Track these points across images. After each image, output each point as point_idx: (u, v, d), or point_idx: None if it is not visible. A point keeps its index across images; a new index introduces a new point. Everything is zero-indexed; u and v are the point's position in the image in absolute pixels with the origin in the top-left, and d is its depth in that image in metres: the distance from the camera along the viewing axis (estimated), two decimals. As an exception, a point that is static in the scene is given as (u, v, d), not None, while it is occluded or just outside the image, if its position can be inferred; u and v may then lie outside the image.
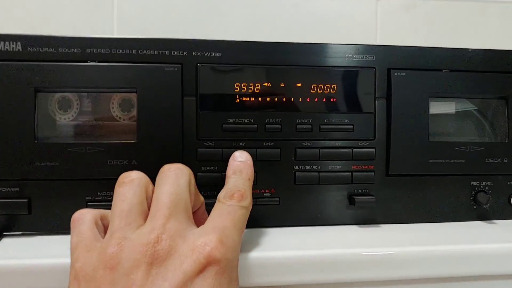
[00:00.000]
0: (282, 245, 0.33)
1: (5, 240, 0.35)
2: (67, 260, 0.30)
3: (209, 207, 0.31)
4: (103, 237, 0.28)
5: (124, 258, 0.25)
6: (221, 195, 0.30)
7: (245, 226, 0.30)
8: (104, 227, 0.30)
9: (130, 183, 0.29)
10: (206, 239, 0.26)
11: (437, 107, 0.41)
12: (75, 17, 0.59)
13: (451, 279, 0.35)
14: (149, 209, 0.28)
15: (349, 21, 0.65)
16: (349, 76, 0.38)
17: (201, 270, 0.25)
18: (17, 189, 0.35)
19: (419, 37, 0.67)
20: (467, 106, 0.42)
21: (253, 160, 0.37)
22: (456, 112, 0.42)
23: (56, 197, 0.35)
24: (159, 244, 0.25)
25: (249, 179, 0.32)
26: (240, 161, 0.33)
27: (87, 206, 0.35)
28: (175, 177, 0.29)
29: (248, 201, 0.30)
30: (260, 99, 0.37)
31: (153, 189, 0.30)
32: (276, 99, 0.37)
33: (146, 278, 0.24)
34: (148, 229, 0.26)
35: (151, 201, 0.29)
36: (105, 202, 0.35)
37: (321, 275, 0.32)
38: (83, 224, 0.29)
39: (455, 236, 0.36)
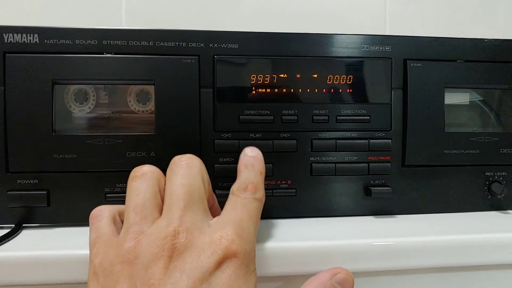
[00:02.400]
0: (298, 235, 0.33)
1: (24, 232, 0.35)
2: (86, 252, 0.31)
3: (226, 199, 0.31)
4: (119, 231, 0.28)
5: (141, 252, 0.25)
6: (234, 188, 0.30)
7: (259, 218, 0.30)
8: (122, 223, 0.30)
9: (142, 177, 0.29)
10: (222, 233, 0.26)
11: (453, 99, 0.41)
12: (83, 9, 0.59)
13: (466, 268, 0.35)
14: (162, 202, 0.28)
15: (359, 13, 0.65)
16: (365, 67, 0.38)
17: (219, 263, 0.25)
18: (36, 181, 0.35)
19: (428, 28, 0.67)
20: (482, 97, 0.42)
21: (270, 152, 0.37)
22: (470, 103, 0.42)
23: (74, 189, 0.35)
24: (177, 238, 0.25)
25: (261, 172, 0.32)
26: (251, 156, 0.33)
27: (105, 198, 0.36)
28: (187, 167, 0.29)
29: (261, 193, 0.30)
30: (276, 90, 0.37)
31: (166, 182, 0.30)
32: (292, 90, 0.37)
33: (164, 272, 0.24)
34: (164, 223, 0.26)
35: (164, 193, 0.29)
36: (124, 194, 0.35)
37: (336, 265, 0.32)
38: (101, 220, 0.29)
39: (470, 226, 0.37)
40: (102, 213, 0.29)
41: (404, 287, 0.35)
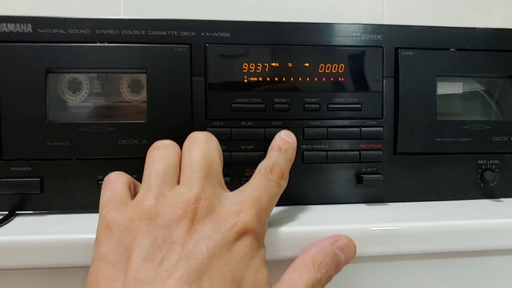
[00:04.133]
0: (290, 221, 0.34)
1: (18, 219, 0.35)
2: (80, 236, 0.31)
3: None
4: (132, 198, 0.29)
5: (163, 211, 0.25)
6: (262, 166, 0.30)
7: (275, 203, 0.30)
8: (135, 194, 0.30)
9: (165, 148, 0.29)
10: (243, 208, 0.26)
11: (445, 88, 0.41)
12: (82, 3, 0.59)
13: (458, 254, 0.35)
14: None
15: (356, 7, 0.65)
16: (356, 56, 0.38)
17: (239, 234, 0.25)
18: (29, 168, 0.35)
19: (426, 22, 0.67)
20: (474, 86, 0.42)
21: (261, 140, 0.37)
22: (463, 92, 0.42)
23: (68, 176, 0.36)
24: (199, 203, 0.25)
25: (291, 160, 0.32)
26: (286, 140, 0.33)
27: (98, 186, 0.36)
28: (205, 142, 0.29)
29: (285, 181, 0.30)
30: (268, 78, 0.37)
31: (183, 155, 0.30)
32: (284, 79, 0.37)
33: (186, 232, 0.24)
34: (185, 189, 0.26)
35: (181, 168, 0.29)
36: (116, 181, 0.36)
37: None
38: (118, 182, 0.29)
39: (462, 213, 0.37)
40: (119, 177, 0.30)
41: (402, 273, 0.35)
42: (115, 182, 0.29)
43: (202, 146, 0.29)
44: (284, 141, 0.33)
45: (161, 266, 0.23)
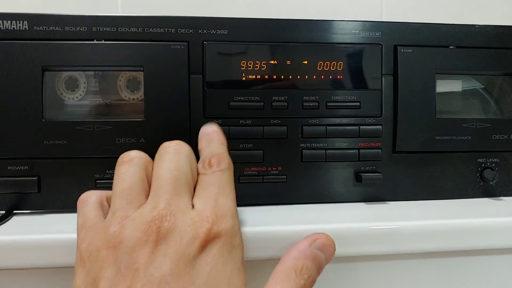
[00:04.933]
0: (289, 221, 0.33)
1: (15, 218, 0.35)
2: (76, 236, 0.31)
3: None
4: (105, 216, 0.28)
5: (126, 237, 0.25)
6: (199, 166, 0.30)
7: (233, 187, 0.29)
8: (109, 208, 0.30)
9: (129, 162, 0.28)
10: (201, 215, 0.26)
11: (444, 86, 0.41)
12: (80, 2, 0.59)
13: (457, 252, 0.35)
14: (149, 187, 0.28)
15: (355, 5, 0.65)
16: (355, 53, 0.38)
17: (203, 246, 0.25)
18: (27, 167, 0.35)
19: (425, 20, 0.67)
20: (474, 84, 0.42)
21: (260, 138, 0.37)
22: (462, 90, 0.42)
23: (65, 175, 0.36)
24: (161, 222, 0.25)
25: (221, 143, 0.32)
26: (207, 132, 0.32)
27: (96, 184, 0.36)
28: (175, 153, 0.29)
29: (226, 162, 0.29)
30: (266, 76, 0.37)
31: (153, 166, 0.29)
32: (282, 77, 0.37)
33: (148, 256, 0.24)
34: (149, 207, 0.26)
35: (151, 179, 0.29)
36: (114, 180, 0.36)
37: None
38: (88, 205, 0.28)
39: (461, 212, 0.36)
40: (89, 199, 0.29)
41: (401, 272, 0.35)
42: (85, 205, 0.28)
43: (170, 158, 0.28)
44: (205, 135, 0.32)
45: None
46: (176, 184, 0.27)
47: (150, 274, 0.23)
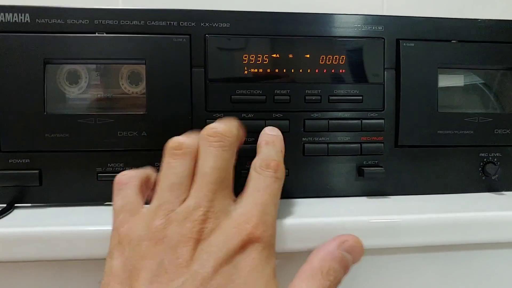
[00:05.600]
0: (291, 215, 0.33)
1: (16, 212, 0.35)
2: (79, 228, 0.31)
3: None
4: (144, 201, 0.29)
5: (170, 232, 0.25)
6: (256, 164, 0.30)
7: (279, 198, 0.29)
8: (146, 193, 0.30)
9: (182, 156, 0.28)
10: (247, 217, 0.26)
11: (446, 80, 0.41)
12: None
13: (459, 246, 0.35)
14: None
15: (356, 2, 0.65)
16: (357, 47, 0.38)
17: (243, 247, 0.25)
18: (28, 160, 0.35)
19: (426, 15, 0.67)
20: (476, 78, 0.42)
21: (262, 132, 0.37)
22: (464, 84, 0.42)
23: (66, 168, 0.35)
24: (206, 222, 0.26)
25: (281, 151, 0.32)
26: (272, 134, 0.33)
27: (97, 178, 0.36)
28: (222, 150, 0.28)
29: (282, 172, 0.30)
30: (268, 70, 0.37)
31: (199, 156, 0.29)
32: (284, 70, 0.37)
33: (192, 253, 0.25)
34: (194, 204, 0.26)
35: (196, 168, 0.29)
36: (116, 173, 0.35)
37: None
38: (129, 188, 0.29)
39: (463, 206, 0.36)
40: (131, 181, 0.29)
41: (403, 266, 0.35)
42: (127, 187, 0.29)
43: (218, 154, 0.28)
44: (269, 136, 0.33)
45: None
46: (221, 184, 0.28)
47: (194, 270, 0.24)
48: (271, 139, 0.32)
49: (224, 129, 0.29)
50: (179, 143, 0.29)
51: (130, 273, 0.25)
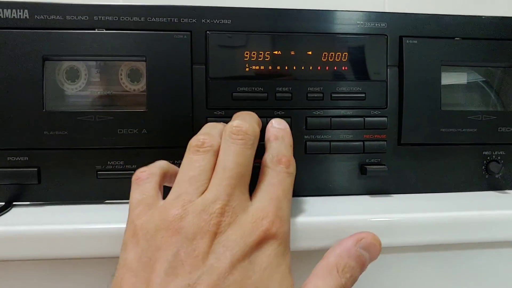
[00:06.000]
0: (293, 213, 0.33)
1: (15, 210, 0.34)
2: (78, 227, 0.30)
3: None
4: (162, 196, 0.29)
5: (187, 223, 0.25)
6: (267, 159, 0.30)
7: (292, 193, 0.29)
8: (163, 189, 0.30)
9: (204, 153, 0.28)
10: (264, 213, 0.26)
11: (450, 77, 0.40)
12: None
13: (462, 245, 0.35)
14: None
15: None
16: (360, 44, 0.37)
17: (260, 243, 0.25)
18: (26, 158, 0.35)
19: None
20: (480, 76, 0.42)
21: (264, 129, 0.36)
22: (468, 82, 0.42)
23: (65, 166, 0.35)
24: (223, 215, 0.25)
25: (290, 145, 0.32)
26: (279, 128, 0.33)
27: (97, 176, 0.35)
28: (245, 146, 0.28)
29: (294, 167, 0.30)
30: (270, 67, 0.37)
31: (221, 149, 0.29)
32: (286, 68, 0.37)
33: (209, 246, 0.24)
34: (213, 196, 0.26)
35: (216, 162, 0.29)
36: (116, 171, 0.35)
37: (331, 241, 0.32)
38: (149, 183, 0.29)
39: (466, 204, 0.36)
40: (151, 177, 0.29)
41: (405, 265, 0.35)
42: (146, 182, 0.29)
43: (239, 151, 0.28)
44: (277, 129, 0.32)
45: (183, 280, 0.23)
46: (240, 180, 0.27)
47: (210, 264, 0.24)
48: (280, 134, 0.32)
49: (248, 128, 0.29)
50: (202, 142, 0.29)
51: (146, 265, 0.24)
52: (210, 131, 0.30)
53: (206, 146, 0.29)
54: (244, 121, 0.30)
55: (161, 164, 0.31)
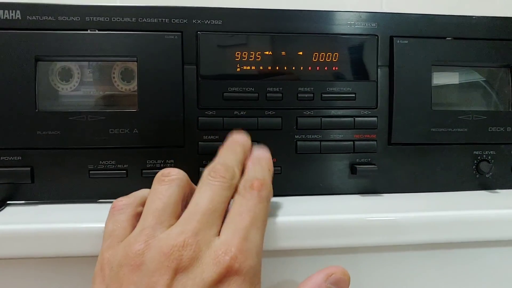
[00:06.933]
0: (283, 212, 0.33)
1: (8, 209, 0.35)
2: (71, 226, 0.31)
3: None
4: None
5: (148, 259, 0.24)
6: (240, 185, 0.29)
7: (266, 219, 0.29)
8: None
9: (170, 183, 0.28)
10: (226, 248, 0.25)
11: (441, 77, 0.41)
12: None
13: (453, 244, 0.35)
14: (183, 209, 0.28)
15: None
16: (351, 44, 0.38)
17: (221, 281, 0.24)
18: (20, 158, 0.35)
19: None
20: (470, 76, 0.42)
21: (254, 129, 0.37)
22: (459, 82, 0.42)
23: (58, 165, 0.35)
24: (185, 249, 0.25)
25: (269, 169, 0.31)
26: (258, 154, 0.32)
27: (89, 175, 0.36)
28: (220, 187, 0.28)
29: (267, 190, 0.29)
30: (261, 67, 0.37)
31: (192, 188, 0.29)
32: (277, 68, 0.37)
33: (168, 284, 0.24)
34: (177, 231, 0.25)
35: (187, 199, 0.28)
36: (108, 171, 0.36)
37: (323, 240, 0.32)
38: (123, 214, 0.28)
39: (457, 204, 0.36)
40: (125, 208, 0.29)
41: (398, 264, 0.35)
42: (120, 213, 0.28)
43: (216, 190, 0.27)
44: (256, 156, 0.32)
45: None
46: (211, 215, 0.26)
47: None
48: (257, 158, 0.31)
49: (226, 172, 0.28)
50: (168, 172, 0.29)
51: None
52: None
53: (171, 175, 0.28)
54: (224, 164, 0.29)
55: (140, 194, 0.30)
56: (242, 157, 0.31)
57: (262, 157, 0.31)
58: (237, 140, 0.32)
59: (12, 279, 0.32)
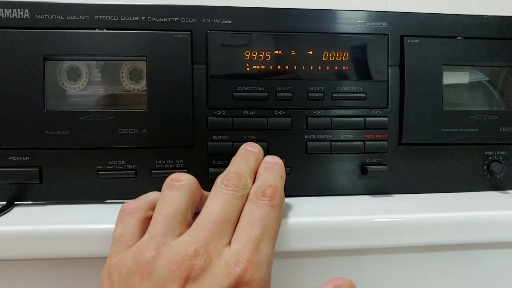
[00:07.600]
0: (293, 213, 0.33)
1: (16, 209, 0.35)
2: (80, 227, 0.30)
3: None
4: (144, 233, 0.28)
5: (159, 267, 0.24)
6: (252, 191, 0.29)
7: (279, 227, 0.28)
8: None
9: (180, 189, 0.28)
10: (237, 259, 0.25)
11: (451, 77, 0.40)
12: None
13: (463, 246, 0.35)
14: (193, 216, 0.28)
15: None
16: (361, 43, 0.37)
17: None
18: (28, 158, 0.35)
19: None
20: (481, 75, 0.42)
21: (264, 129, 0.37)
22: (470, 82, 0.42)
23: (67, 166, 0.35)
24: (196, 259, 0.24)
25: (281, 176, 0.31)
26: (270, 161, 0.32)
27: (98, 176, 0.35)
28: (233, 197, 0.28)
29: (280, 198, 0.28)
30: (270, 67, 0.36)
31: (202, 195, 0.29)
32: (287, 67, 0.37)
33: None
34: (189, 240, 0.25)
35: (197, 205, 0.28)
36: (116, 171, 0.35)
37: (332, 241, 0.32)
38: (132, 218, 0.28)
39: (468, 205, 0.36)
40: (135, 212, 0.28)
41: (406, 265, 0.35)
42: (130, 217, 0.28)
43: (227, 199, 0.27)
44: (268, 162, 0.32)
45: None
46: (223, 225, 0.26)
47: None
48: (269, 165, 0.31)
49: (239, 181, 0.28)
50: (178, 177, 0.28)
51: None
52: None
53: (181, 180, 0.28)
54: (237, 173, 0.29)
55: (150, 197, 0.30)
56: (255, 167, 0.31)
57: (274, 163, 0.31)
58: (250, 150, 0.32)
59: (20, 280, 0.32)
